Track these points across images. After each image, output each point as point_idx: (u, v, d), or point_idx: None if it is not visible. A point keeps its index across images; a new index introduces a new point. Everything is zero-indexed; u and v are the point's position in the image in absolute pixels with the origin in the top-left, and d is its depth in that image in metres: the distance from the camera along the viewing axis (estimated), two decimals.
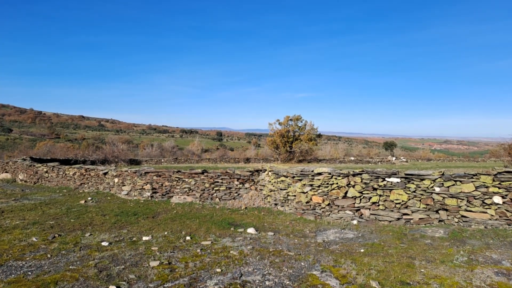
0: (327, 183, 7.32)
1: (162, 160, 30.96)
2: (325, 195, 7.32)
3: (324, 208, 7.31)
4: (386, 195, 6.80)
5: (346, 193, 7.12)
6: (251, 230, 6.29)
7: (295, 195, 7.84)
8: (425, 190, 6.51)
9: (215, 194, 9.47)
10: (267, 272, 4.12)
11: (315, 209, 7.44)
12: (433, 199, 6.45)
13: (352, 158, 32.57)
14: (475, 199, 6.15)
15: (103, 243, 5.25)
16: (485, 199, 6.08)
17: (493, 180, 6.08)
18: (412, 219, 6.54)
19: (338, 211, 7.16)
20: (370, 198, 6.92)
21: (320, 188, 7.39)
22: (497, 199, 6.00)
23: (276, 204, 8.45)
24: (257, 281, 3.84)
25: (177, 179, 9.93)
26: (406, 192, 6.63)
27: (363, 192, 6.98)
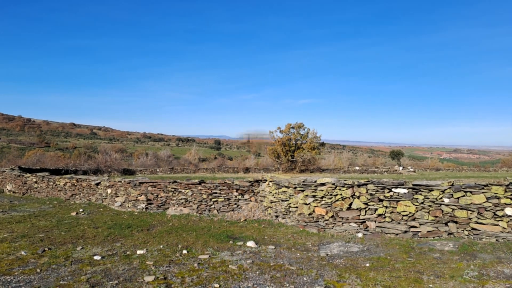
0: (331, 194, 7.35)
1: (158, 170, 30.98)
2: (329, 206, 7.34)
3: (327, 220, 7.32)
4: (393, 207, 6.82)
5: (350, 204, 7.14)
6: (250, 244, 6.29)
7: (297, 207, 7.85)
8: (433, 202, 6.54)
9: (213, 206, 9.47)
10: (267, 287, 4.12)
11: (318, 221, 7.44)
12: (442, 210, 6.46)
13: (357, 168, 32.58)
14: (486, 210, 6.17)
15: (95, 257, 5.25)
16: (497, 210, 6.11)
17: (505, 191, 6.11)
18: (420, 231, 6.54)
19: (342, 223, 7.17)
20: (376, 209, 6.94)
21: (323, 199, 7.41)
22: (509, 211, 6.02)
23: (277, 216, 8.45)
24: None
25: (173, 190, 9.95)
26: (413, 204, 6.65)
27: (369, 204, 7.00)
